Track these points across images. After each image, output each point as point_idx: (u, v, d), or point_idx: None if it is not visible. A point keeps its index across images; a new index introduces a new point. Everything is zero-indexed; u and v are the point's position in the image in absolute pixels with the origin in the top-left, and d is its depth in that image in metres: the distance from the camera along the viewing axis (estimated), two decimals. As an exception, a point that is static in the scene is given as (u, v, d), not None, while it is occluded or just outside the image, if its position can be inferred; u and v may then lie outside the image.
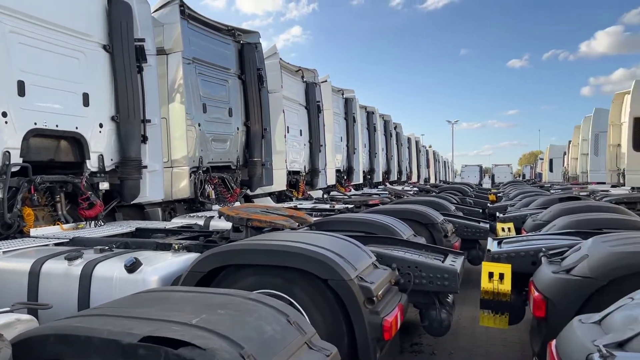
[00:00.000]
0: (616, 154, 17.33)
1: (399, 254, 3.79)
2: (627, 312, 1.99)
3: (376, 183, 18.67)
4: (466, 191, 13.96)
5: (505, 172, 52.28)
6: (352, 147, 15.61)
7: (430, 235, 5.84)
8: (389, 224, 4.90)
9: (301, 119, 11.48)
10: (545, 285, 3.12)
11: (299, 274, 3.02)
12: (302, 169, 11.48)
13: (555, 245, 3.80)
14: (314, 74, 12.01)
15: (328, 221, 5.12)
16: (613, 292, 2.79)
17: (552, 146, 37.12)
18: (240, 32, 8.48)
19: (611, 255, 2.93)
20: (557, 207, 6.08)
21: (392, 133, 21.91)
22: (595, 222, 4.79)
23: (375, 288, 2.98)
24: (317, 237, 3.42)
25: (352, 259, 3.11)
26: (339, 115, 14.86)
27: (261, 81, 8.56)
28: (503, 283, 3.59)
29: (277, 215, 4.23)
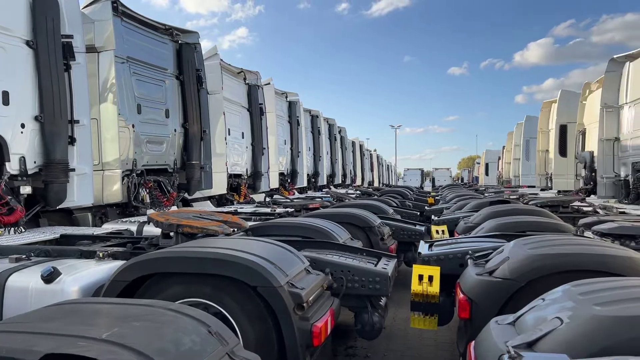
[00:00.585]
0: (544, 159, 18.40)
1: (333, 259, 3.80)
2: (538, 313, 2.09)
3: (320, 186, 18.77)
4: (406, 194, 14.31)
5: (445, 175, 54.15)
6: (295, 150, 15.61)
7: (367, 239, 5.91)
8: (326, 228, 4.91)
9: (243, 122, 11.34)
10: (470, 287, 3.23)
11: (227, 281, 2.95)
12: (244, 172, 11.33)
13: (481, 247, 3.94)
14: (256, 76, 11.91)
15: (264, 226, 5.07)
16: (531, 292, 2.91)
17: (488, 151, 38.88)
18: (178, 31, 8.27)
19: (529, 257, 3.07)
20: (487, 210, 6.34)
21: (336, 137, 22.12)
22: (520, 225, 5.02)
23: (306, 294, 2.97)
24: (248, 244, 3.37)
25: (283, 265, 3.08)
26: (282, 118, 14.82)
27: (200, 82, 8.38)
28: (432, 285, 3.67)
29: (210, 221, 4.13)
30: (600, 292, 1.98)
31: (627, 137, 10.49)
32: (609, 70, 11.16)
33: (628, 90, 10.44)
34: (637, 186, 9.52)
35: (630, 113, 10.36)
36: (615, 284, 2.04)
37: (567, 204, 7.29)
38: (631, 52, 10.42)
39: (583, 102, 13.79)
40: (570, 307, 1.95)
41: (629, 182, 10.06)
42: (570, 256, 2.98)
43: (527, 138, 21.53)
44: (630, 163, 10.24)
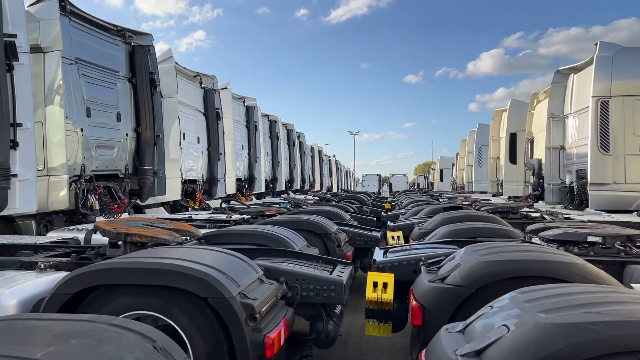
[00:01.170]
0: (496, 165, 19.04)
1: (288, 267, 3.76)
2: (486, 321, 2.12)
3: (279, 192, 18.67)
4: (364, 200, 14.44)
5: (402, 181, 55.17)
6: (253, 156, 15.46)
7: (324, 245, 5.90)
8: (281, 235, 4.86)
9: (199, 126, 11.13)
10: (422, 294, 3.26)
11: (177, 293, 2.85)
12: (200, 178, 11.11)
13: (434, 254, 4.00)
14: (213, 80, 11.73)
15: (218, 234, 4.96)
16: (481, 299, 2.97)
17: (442, 157, 39.90)
18: (131, 33, 8.03)
19: (479, 264, 3.13)
20: (440, 216, 6.46)
21: (295, 142, 22.09)
22: (472, 231, 5.15)
23: (259, 304, 2.91)
24: (199, 253, 3.28)
25: (235, 275, 3.01)
26: (240, 123, 14.66)
27: (154, 85, 8.16)
28: (386, 292, 3.69)
29: (161, 229, 4.00)
30: (544, 299, 2.03)
31: (572, 146, 11.00)
32: (555, 81, 11.69)
33: (572, 101, 10.97)
34: (581, 193, 9.98)
35: (575, 123, 10.87)
36: (559, 291, 2.10)
37: (516, 210, 7.54)
38: (575, 65, 10.95)
39: (531, 112, 14.38)
40: (516, 314, 1.99)
41: (574, 189, 10.55)
42: (518, 263, 3.06)
43: (480, 145, 22.24)
44: (574, 170, 10.73)
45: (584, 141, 9.94)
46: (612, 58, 9.15)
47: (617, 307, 1.83)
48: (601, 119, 9.23)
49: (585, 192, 9.61)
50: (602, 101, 9.22)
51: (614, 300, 1.91)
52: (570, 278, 2.85)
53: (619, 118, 9.07)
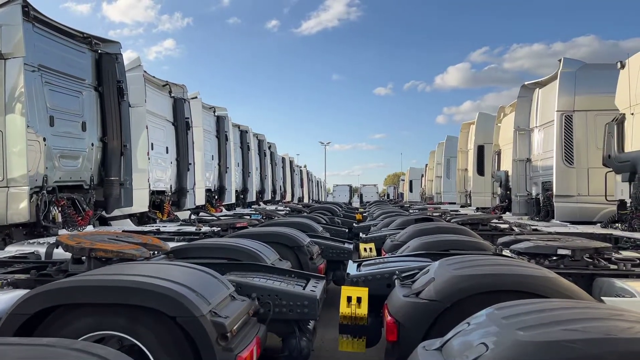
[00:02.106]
0: (464, 177, 19.40)
1: (260, 283, 3.67)
2: (464, 338, 2.09)
3: (249, 203, 18.46)
4: (335, 211, 14.43)
5: (372, 191, 55.54)
6: (224, 166, 15.25)
7: (297, 258, 5.82)
8: (253, 249, 4.76)
9: (168, 136, 10.91)
10: (397, 309, 3.22)
11: (144, 312, 2.73)
12: (168, 189, 10.86)
13: (408, 267, 3.98)
14: (183, 89, 11.54)
15: (187, 248, 4.82)
16: (456, 313, 2.96)
17: (411, 169, 40.44)
18: (98, 40, 7.81)
19: (454, 278, 3.12)
20: (412, 229, 6.48)
21: (266, 152, 21.94)
22: (444, 243, 5.17)
23: (230, 323, 2.81)
24: (168, 269, 3.16)
25: (205, 292, 2.90)
26: (210, 133, 14.46)
27: (121, 94, 7.95)
28: (360, 307, 3.64)
29: (127, 244, 3.85)
30: (522, 315, 2.02)
31: (538, 159, 11.29)
32: (520, 95, 12.01)
33: (538, 115, 11.28)
34: (547, 204, 10.23)
35: (540, 136, 11.17)
36: (536, 307, 2.10)
37: (485, 222, 7.65)
38: (540, 80, 11.28)
39: (498, 125, 14.73)
40: (495, 332, 1.96)
41: (540, 201, 10.81)
42: (492, 277, 3.06)
43: (448, 157, 22.65)
44: (540, 182, 11.01)
45: (549, 154, 10.22)
46: (575, 74, 9.47)
47: (594, 324, 1.83)
48: (565, 132, 9.51)
49: (551, 204, 9.85)
50: (566, 115, 9.51)
51: (590, 317, 1.91)
52: (543, 292, 2.87)
53: (582, 132, 9.37)
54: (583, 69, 9.55)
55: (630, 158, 7.41)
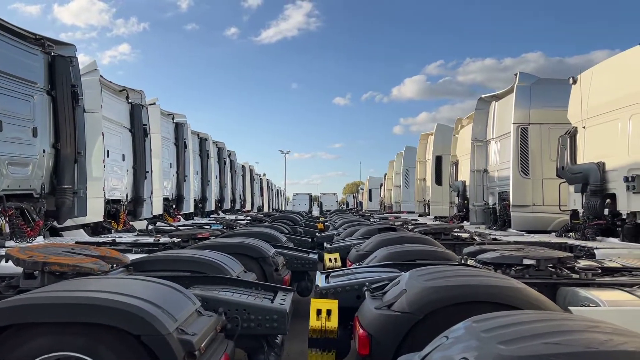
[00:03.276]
0: (422, 186, 19.76)
1: (227, 297, 3.53)
2: (444, 353, 2.05)
3: (208, 212, 18.09)
4: (297, 220, 14.32)
5: (332, 200, 55.76)
6: (182, 174, 14.89)
7: (262, 270, 5.68)
8: (217, 261, 4.60)
9: (124, 143, 10.53)
10: (369, 322, 3.17)
11: (104, 330, 2.55)
12: (124, 197, 10.47)
13: (377, 278, 3.95)
14: (141, 95, 11.20)
15: (148, 260, 4.61)
16: (429, 325, 2.94)
17: (371, 178, 40.94)
18: (51, 42, 7.45)
19: (426, 289, 3.11)
20: (377, 238, 6.48)
21: (225, 160, 21.61)
22: (410, 253, 5.18)
23: (198, 340, 2.67)
24: (130, 284, 2.98)
25: (171, 308, 2.75)
26: (168, 141, 14.10)
27: (76, 99, 7.60)
28: (330, 320, 3.57)
29: (84, 257, 3.63)
30: (501, 329, 2.00)
31: (494, 169, 11.62)
32: (478, 108, 12.36)
33: (494, 127, 11.63)
34: (503, 214, 10.53)
35: (496, 147, 11.52)
36: (513, 320, 2.09)
37: (448, 232, 7.76)
38: (496, 93, 11.65)
39: (456, 136, 15.10)
40: (475, 346, 1.94)
41: (497, 210, 11.11)
42: (464, 288, 3.07)
43: (407, 167, 23.04)
44: (497, 193, 11.32)
45: (505, 165, 10.53)
46: (530, 88, 9.84)
47: (574, 337, 1.83)
48: (521, 144, 9.84)
49: (507, 214, 10.14)
50: (521, 128, 9.85)
51: (569, 330, 1.92)
52: (514, 303, 2.89)
53: (537, 144, 9.72)
54: (538, 84, 9.93)
55: (582, 170, 7.73)
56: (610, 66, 7.66)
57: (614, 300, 3.27)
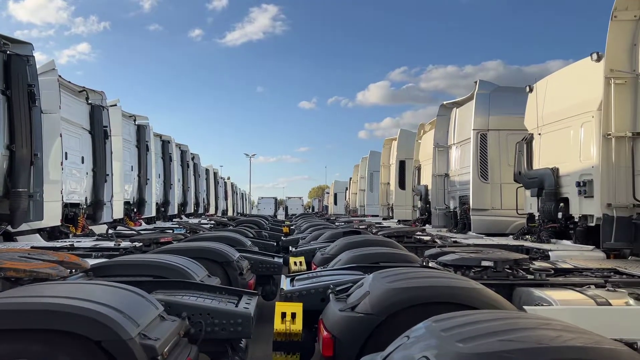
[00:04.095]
0: (386, 191, 20.06)
1: (190, 301, 3.51)
2: (405, 352, 2.11)
3: (171, 216, 17.77)
4: (262, 224, 14.27)
5: (297, 204, 55.72)
6: (144, 178, 14.58)
7: (226, 274, 5.64)
8: (180, 265, 4.54)
9: (84, 145, 10.24)
10: (333, 324, 3.22)
11: (63, 337, 2.49)
12: (83, 201, 10.18)
13: (341, 281, 4.00)
14: (101, 96, 10.92)
15: (109, 265, 4.51)
16: (391, 326, 3.01)
17: (336, 182, 41.22)
18: (6, 40, 7.18)
19: (388, 291, 3.18)
20: (342, 242, 6.55)
21: (189, 163, 21.30)
22: (374, 256, 5.27)
23: (161, 345, 2.65)
24: (90, 289, 2.92)
25: (133, 313, 2.71)
26: (130, 143, 13.80)
27: (33, 99, 7.35)
28: (295, 323, 3.59)
29: (41, 262, 3.53)
30: (459, 327, 2.08)
31: (455, 174, 11.93)
32: (439, 114, 12.68)
33: (455, 133, 11.95)
34: (464, 217, 10.82)
35: (457, 153, 11.83)
36: (471, 319, 2.18)
37: (410, 235, 7.92)
38: (457, 100, 11.98)
39: (418, 141, 15.42)
40: (435, 345, 2.01)
41: (457, 214, 11.40)
42: (426, 289, 3.16)
43: (371, 171, 23.34)
44: (457, 197, 11.63)
45: (465, 170, 10.84)
46: (490, 95, 10.17)
47: (527, 334, 1.93)
48: (480, 150, 10.16)
49: (467, 217, 10.42)
50: (481, 134, 10.17)
51: (522, 327, 2.01)
52: (473, 303, 3.00)
53: (495, 150, 10.05)
54: (496, 91, 10.28)
55: (538, 175, 8.04)
56: (563, 76, 8.02)
57: (565, 300, 3.43)
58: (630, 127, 6.01)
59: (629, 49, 6.12)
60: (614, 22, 6.08)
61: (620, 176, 6.01)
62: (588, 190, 6.76)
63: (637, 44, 6.04)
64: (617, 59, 6.11)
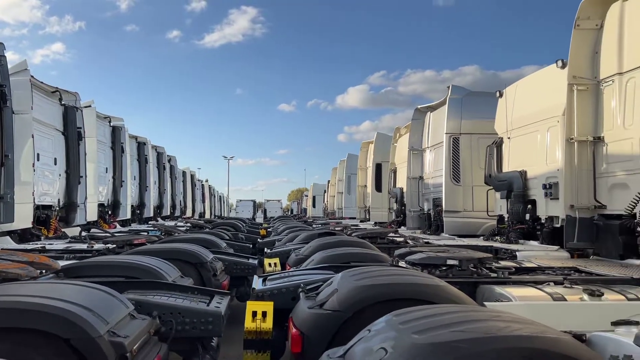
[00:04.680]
0: (363, 193, 20.26)
1: (161, 300, 3.55)
2: (365, 344, 2.22)
3: (146, 218, 17.61)
4: (239, 226, 14.26)
5: (276, 207, 55.61)
6: (119, 180, 14.43)
7: (199, 275, 5.67)
8: (152, 266, 4.57)
9: (56, 146, 10.12)
10: (302, 321, 3.30)
11: (33, 335, 2.52)
12: (56, 203, 10.05)
13: (312, 280, 4.09)
14: (75, 97, 10.81)
15: (80, 266, 4.50)
16: (358, 322, 3.10)
17: (315, 184, 41.30)
18: (-24, 39, 7.08)
19: (355, 289, 3.29)
20: (316, 243, 6.64)
21: (165, 166, 21.13)
22: (345, 256, 5.38)
23: (130, 342, 2.69)
24: (58, 288, 2.95)
25: (102, 311, 2.75)
26: (104, 144, 13.66)
27: (4, 99, 7.27)
28: (265, 321, 3.67)
29: (11, 262, 3.52)
30: (416, 320, 2.19)
31: (429, 177, 12.16)
32: (414, 118, 12.91)
33: (429, 136, 12.19)
34: (437, 219, 11.03)
35: (431, 156, 12.07)
36: (428, 312, 2.29)
37: (383, 236, 8.06)
38: (431, 104, 12.23)
39: (394, 145, 15.65)
40: (393, 336, 2.11)
41: (431, 215, 11.62)
42: (390, 286, 3.27)
43: (349, 174, 23.52)
44: (431, 199, 11.85)
45: (439, 172, 11.07)
46: (462, 100, 10.42)
47: (477, 325, 2.05)
48: (453, 153, 10.39)
49: (440, 219, 10.64)
50: (453, 137, 10.41)
51: (473, 319, 2.14)
52: (435, 299, 3.12)
53: (467, 153, 10.30)
54: (468, 96, 10.54)
55: (507, 177, 8.28)
56: (531, 82, 8.29)
57: (523, 296, 3.59)
58: (591, 131, 6.25)
59: (590, 57, 6.37)
60: (576, 30, 6.33)
61: (583, 179, 6.25)
62: (554, 192, 7.00)
63: (599, 52, 6.29)
64: (579, 66, 6.35)
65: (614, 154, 5.96)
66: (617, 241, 5.70)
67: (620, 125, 5.88)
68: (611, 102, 6.05)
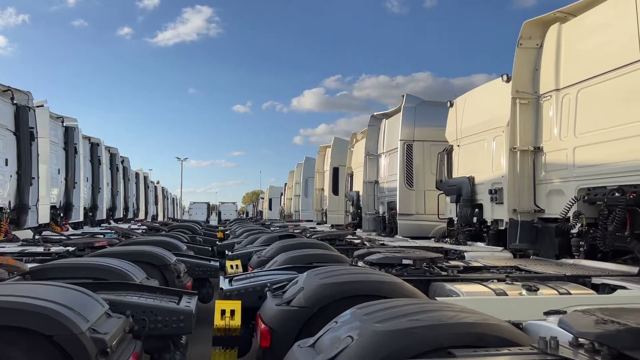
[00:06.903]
0: (320, 196, 20.61)
1: (133, 300, 3.69)
2: (333, 334, 2.49)
3: (99, 221, 17.21)
4: (196, 229, 14.22)
5: (231, 209, 55.02)
6: (71, 181, 14.11)
7: (163, 277, 5.76)
8: (120, 268, 4.66)
9: (8, 147, 9.85)
10: (270, 317, 3.54)
11: (15, 332, 2.63)
12: (7, 205, 9.77)
13: (278, 280, 4.33)
14: (27, 96, 10.54)
15: (47, 268, 4.54)
16: (323, 317, 3.37)
17: (271, 187, 41.31)
18: None
19: (320, 286, 3.56)
20: (278, 245, 6.86)
21: (118, 167, 20.70)
22: (307, 257, 5.63)
23: (110, 338, 2.84)
24: (36, 288, 3.05)
25: (82, 309, 2.88)
26: (57, 145, 13.32)
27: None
28: (234, 319, 3.87)
29: (-18, 265, 3.57)
30: (378, 312, 2.49)
31: (384, 181, 12.64)
32: (370, 124, 13.38)
33: (384, 142, 12.68)
34: (392, 222, 11.51)
35: (386, 161, 12.56)
36: (388, 305, 2.59)
37: (342, 238, 8.39)
38: (387, 112, 12.73)
39: (351, 149, 16.09)
40: (358, 326, 2.40)
41: (386, 218, 12.09)
42: (352, 284, 3.56)
43: (306, 177, 23.83)
44: (386, 202, 12.33)
45: (393, 177, 11.55)
46: (415, 109, 10.95)
47: (430, 315, 2.37)
48: (407, 159, 10.89)
49: (395, 221, 11.12)
50: (407, 144, 10.91)
51: (427, 310, 2.46)
52: (393, 295, 3.43)
53: (420, 159, 10.83)
54: (421, 105, 11.08)
55: (457, 183, 8.82)
56: (479, 93, 8.87)
57: (470, 292, 3.98)
58: (532, 142, 6.83)
59: (532, 73, 6.96)
60: (519, 49, 6.90)
61: (524, 185, 6.81)
62: (499, 197, 7.55)
63: (539, 69, 6.88)
64: (522, 81, 6.93)
65: (551, 163, 6.55)
66: (554, 242, 6.27)
67: (557, 137, 6.47)
68: (549, 116, 6.64)
